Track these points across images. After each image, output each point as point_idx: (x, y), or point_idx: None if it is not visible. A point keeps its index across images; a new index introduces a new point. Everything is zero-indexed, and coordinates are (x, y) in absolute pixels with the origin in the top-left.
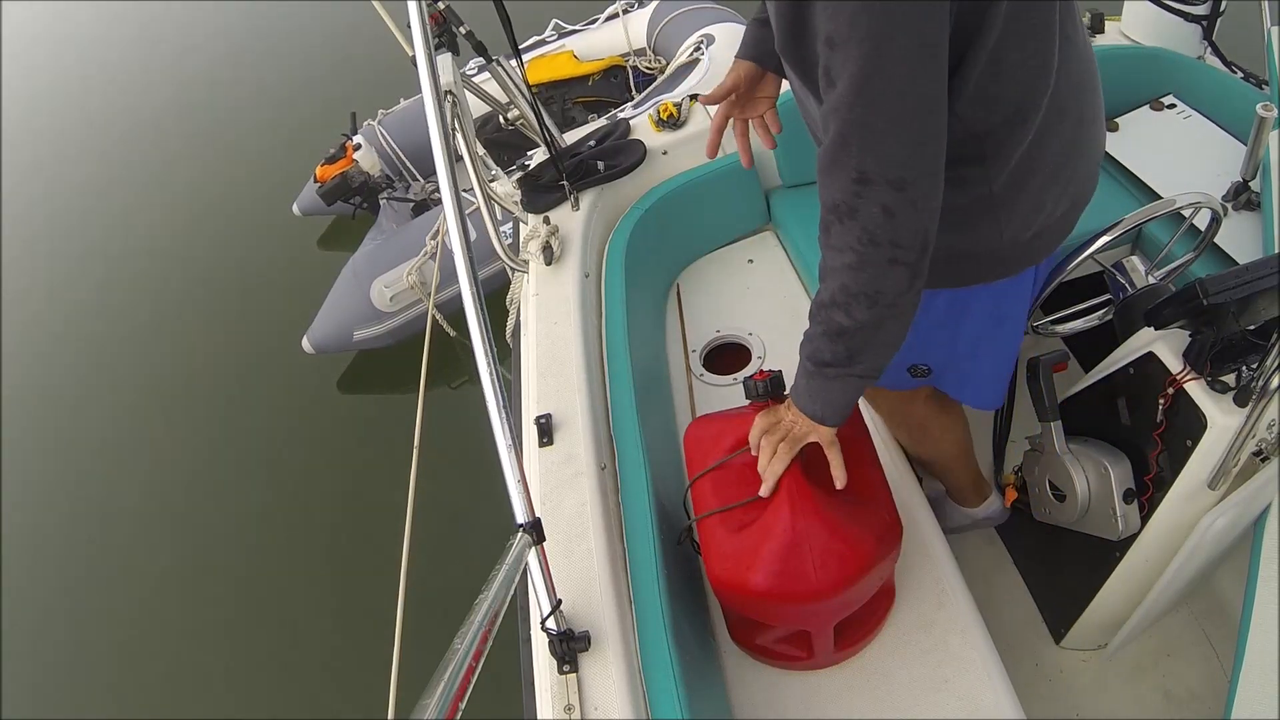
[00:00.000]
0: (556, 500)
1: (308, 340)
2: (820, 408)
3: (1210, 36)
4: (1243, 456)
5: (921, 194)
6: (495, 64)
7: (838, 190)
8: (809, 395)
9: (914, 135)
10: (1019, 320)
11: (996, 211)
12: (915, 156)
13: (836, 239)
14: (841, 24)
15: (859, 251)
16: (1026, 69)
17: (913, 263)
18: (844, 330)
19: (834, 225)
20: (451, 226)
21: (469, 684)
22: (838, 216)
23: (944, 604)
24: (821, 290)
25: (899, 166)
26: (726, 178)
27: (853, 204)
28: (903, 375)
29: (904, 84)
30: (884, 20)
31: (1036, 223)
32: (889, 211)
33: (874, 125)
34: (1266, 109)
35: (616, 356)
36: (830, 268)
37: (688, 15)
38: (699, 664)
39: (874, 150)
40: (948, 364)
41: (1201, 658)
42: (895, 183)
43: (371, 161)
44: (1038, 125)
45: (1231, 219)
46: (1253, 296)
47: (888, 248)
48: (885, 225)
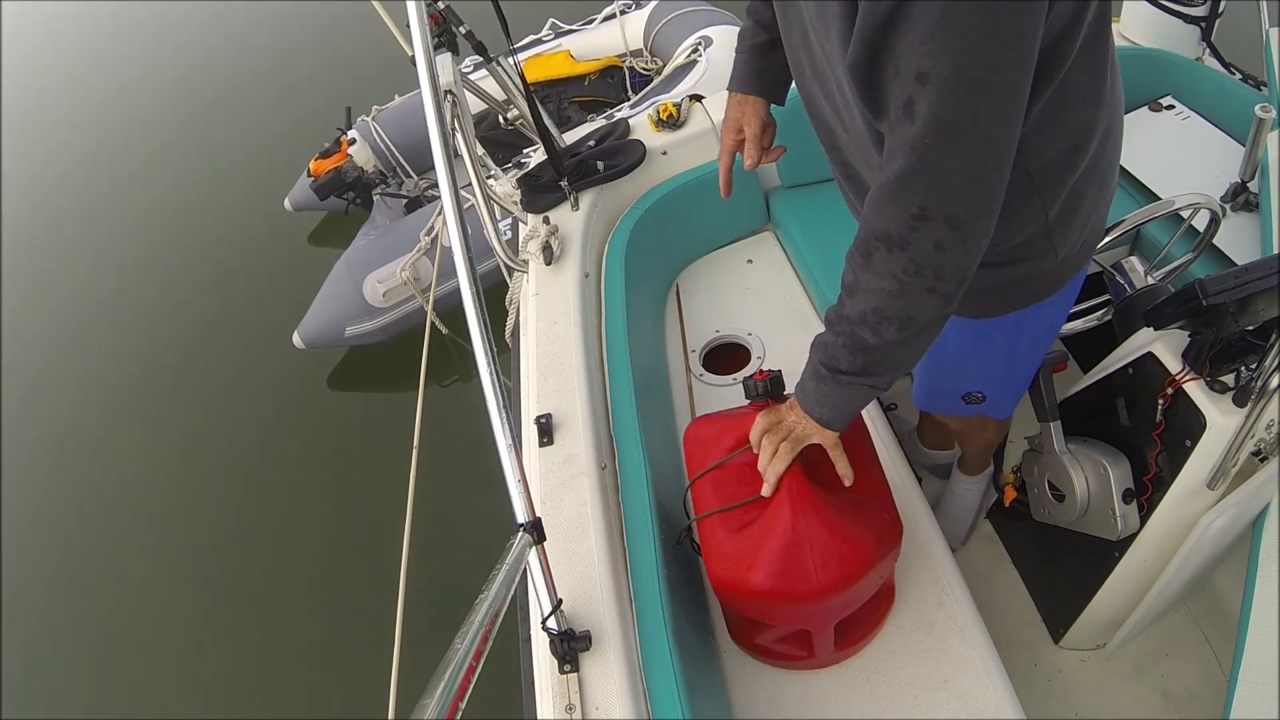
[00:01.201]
0: (556, 500)
1: (299, 335)
2: (828, 412)
3: (1209, 38)
4: (1242, 456)
5: (975, 233)
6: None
7: (892, 221)
8: (817, 399)
9: (983, 179)
10: (1060, 325)
11: (1052, 236)
12: (978, 198)
13: (880, 265)
14: (942, 65)
15: (901, 281)
16: (1087, 98)
17: (950, 294)
18: (868, 347)
19: (878, 252)
20: (451, 226)
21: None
22: (886, 245)
23: (944, 604)
24: (847, 305)
25: (961, 207)
26: None
27: (906, 236)
28: (957, 403)
29: (988, 132)
30: (984, 68)
31: (1084, 235)
32: (940, 247)
33: (948, 168)
34: (1265, 110)
35: (616, 356)
36: (864, 289)
37: (685, 17)
38: (699, 664)
39: (941, 191)
40: (1001, 385)
41: (1200, 658)
42: (952, 220)
43: (366, 157)
44: (1091, 150)
45: (1230, 220)
46: (1252, 297)
47: (930, 279)
48: (933, 259)
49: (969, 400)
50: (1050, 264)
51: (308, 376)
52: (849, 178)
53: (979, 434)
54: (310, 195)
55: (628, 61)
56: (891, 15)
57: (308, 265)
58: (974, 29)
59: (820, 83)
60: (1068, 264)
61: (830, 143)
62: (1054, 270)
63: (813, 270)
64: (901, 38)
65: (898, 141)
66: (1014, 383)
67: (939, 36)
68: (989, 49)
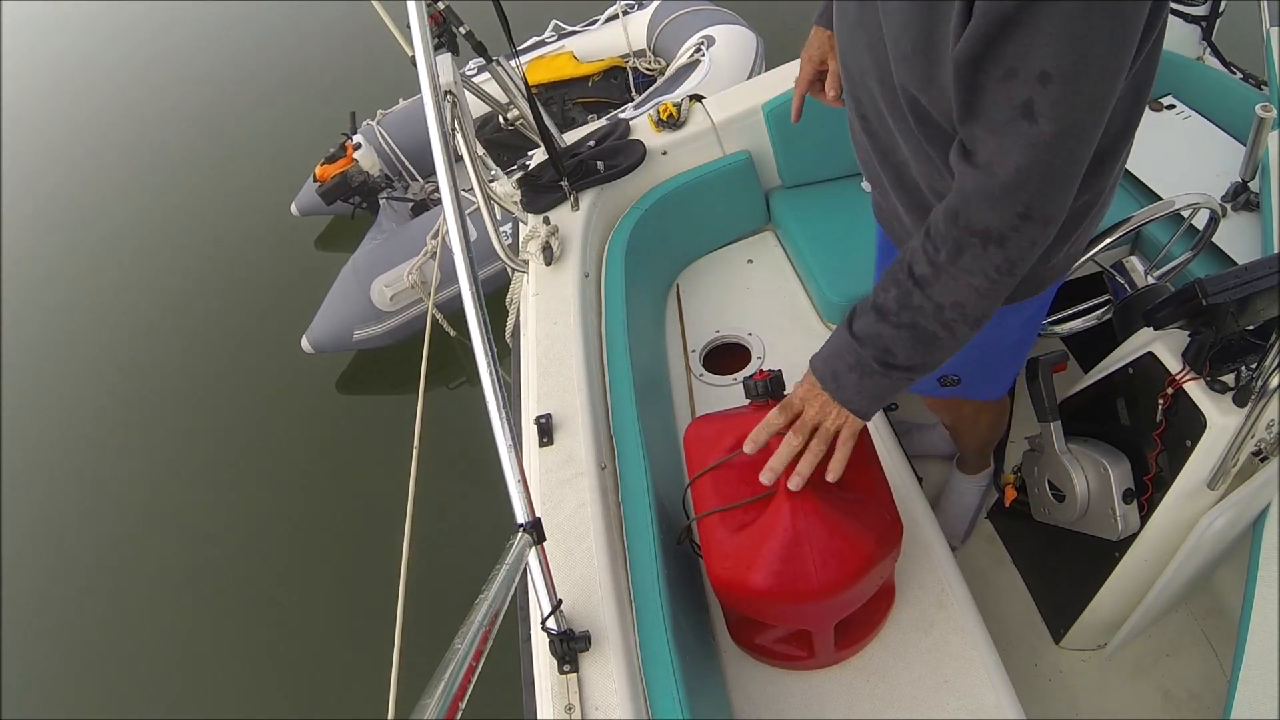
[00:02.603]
0: (556, 500)
1: (307, 340)
2: (867, 404)
3: (1209, 37)
4: (1242, 456)
5: (1055, 231)
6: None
7: (996, 219)
8: (859, 391)
9: (1076, 181)
10: (1041, 319)
11: (1056, 241)
12: (1068, 199)
13: (970, 262)
14: (1065, 66)
15: (993, 279)
16: (1126, 116)
17: (1011, 288)
18: (935, 342)
19: (972, 248)
20: (451, 226)
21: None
22: (982, 241)
23: (944, 604)
24: (917, 296)
25: (1058, 208)
26: (726, 178)
27: (1006, 234)
28: (932, 384)
29: (1095, 130)
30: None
31: (1074, 245)
32: (1034, 245)
33: (1062, 171)
34: (1265, 109)
35: (616, 356)
36: (946, 283)
37: (688, 16)
38: (699, 664)
39: (1050, 192)
40: (977, 372)
41: (1201, 658)
42: (1048, 221)
43: (371, 161)
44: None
45: (1230, 219)
46: (1252, 297)
47: (1014, 277)
48: (1026, 256)
49: (945, 383)
50: (1040, 266)
51: (316, 380)
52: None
53: (971, 429)
54: (316, 200)
55: (631, 62)
56: (1015, 14)
57: (315, 270)
58: (1100, 33)
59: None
60: (1056, 269)
61: (879, 149)
62: (1041, 273)
63: (813, 270)
64: (1023, 37)
65: (1013, 141)
66: (991, 371)
67: (1067, 38)
68: (1110, 55)
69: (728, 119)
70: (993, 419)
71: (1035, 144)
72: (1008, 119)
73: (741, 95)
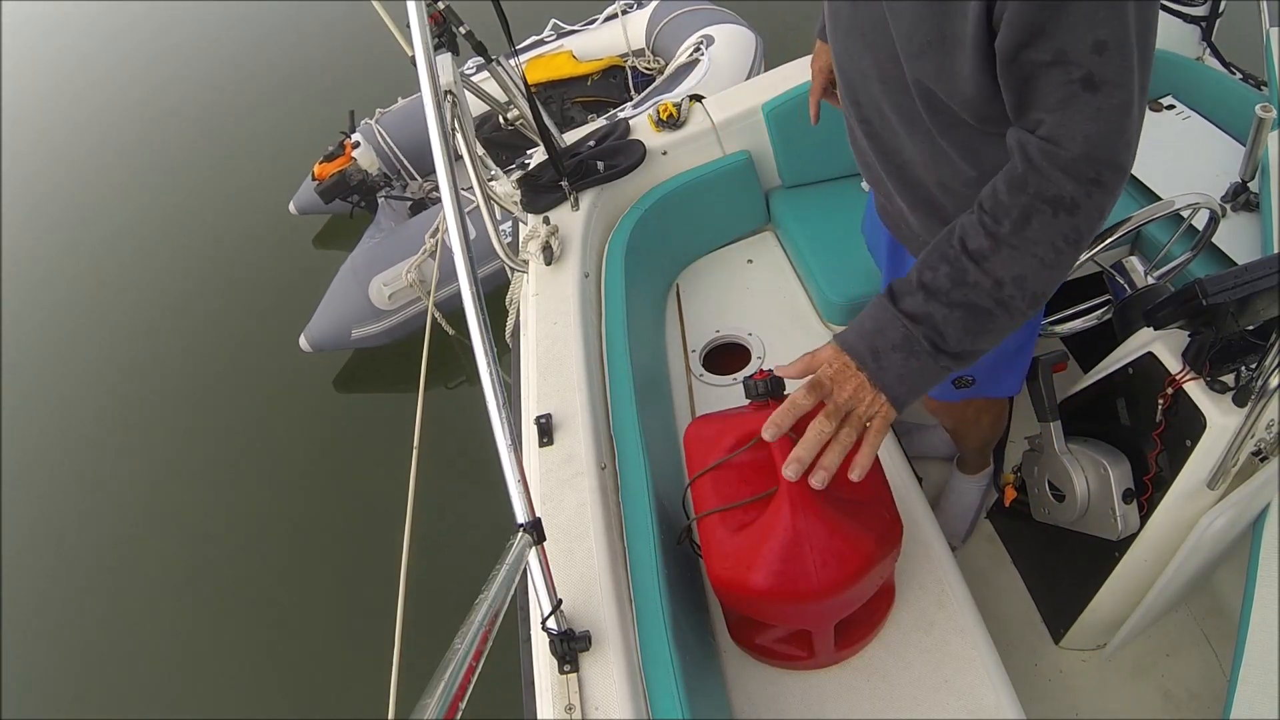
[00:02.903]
0: (556, 500)
1: (305, 338)
2: (908, 391)
3: (1209, 37)
4: (1242, 456)
5: (1115, 198)
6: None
7: (1070, 184)
8: (901, 376)
9: (1137, 144)
10: (1039, 321)
11: None
12: (1131, 163)
13: (1038, 231)
14: (1117, 31)
15: (1059, 249)
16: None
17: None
18: (990, 322)
19: (1042, 215)
20: (451, 226)
21: (469, 684)
22: (1054, 208)
23: (944, 604)
24: (973, 272)
25: (1124, 174)
26: (726, 178)
27: (1079, 200)
28: (947, 387)
29: (1146, 93)
30: (1147, 31)
31: None
32: (1102, 213)
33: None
34: (1265, 110)
35: (616, 356)
36: (1009, 256)
37: (687, 16)
38: (699, 664)
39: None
40: (990, 371)
41: (1201, 658)
42: (1114, 188)
43: (370, 160)
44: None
45: (1230, 219)
46: (1251, 297)
47: (1078, 250)
48: (1092, 226)
49: (960, 384)
50: None
51: (314, 379)
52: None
53: (973, 429)
54: (315, 198)
55: (630, 61)
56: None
57: (313, 268)
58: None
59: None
60: None
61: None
62: None
63: (813, 270)
64: (1064, 18)
65: (1078, 113)
66: (1002, 367)
67: (1106, 6)
68: (1145, 11)
69: (728, 119)
70: (993, 419)
71: (1104, 110)
72: (1068, 95)
73: (741, 95)
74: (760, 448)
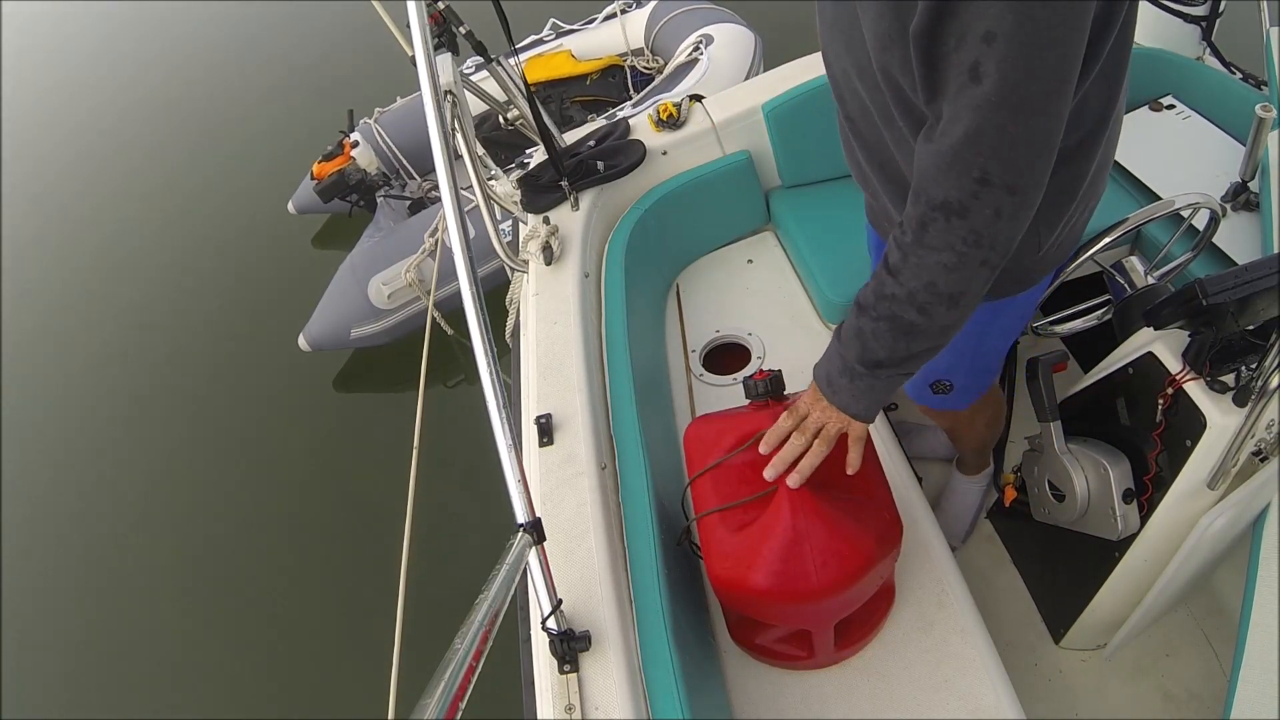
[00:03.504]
0: (556, 500)
1: (304, 338)
2: (864, 407)
3: (1209, 37)
4: (1242, 456)
5: (1028, 202)
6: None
7: (953, 188)
8: (853, 395)
9: (1040, 146)
10: (1023, 324)
11: (1039, 226)
12: (1034, 166)
13: (935, 238)
14: (1006, 22)
15: (960, 252)
16: (1104, 97)
17: (997, 266)
18: (914, 330)
19: (935, 223)
20: (451, 226)
21: (469, 684)
22: (945, 214)
23: (944, 604)
24: (890, 285)
25: (1018, 173)
26: (726, 178)
27: (966, 203)
28: (925, 391)
29: (1048, 95)
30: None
31: (1066, 231)
32: (999, 214)
33: (1009, 130)
34: (1265, 109)
35: (616, 356)
36: (914, 265)
37: (686, 15)
38: (699, 664)
39: (1003, 154)
40: (967, 374)
41: (1201, 658)
42: (1011, 187)
43: (369, 159)
44: (1098, 149)
45: (1230, 219)
46: (1252, 297)
47: (986, 250)
48: (991, 227)
49: (936, 389)
50: (1031, 256)
51: (313, 378)
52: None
53: (968, 431)
54: (313, 198)
55: (629, 61)
56: None
57: (312, 268)
58: None
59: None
60: (1046, 259)
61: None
62: (1033, 263)
63: (813, 270)
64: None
65: (962, 105)
66: (979, 371)
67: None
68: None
69: (728, 119)
70: (989, 419)
71: (981, 104)
72: (959, 85)
73: (741, 95)
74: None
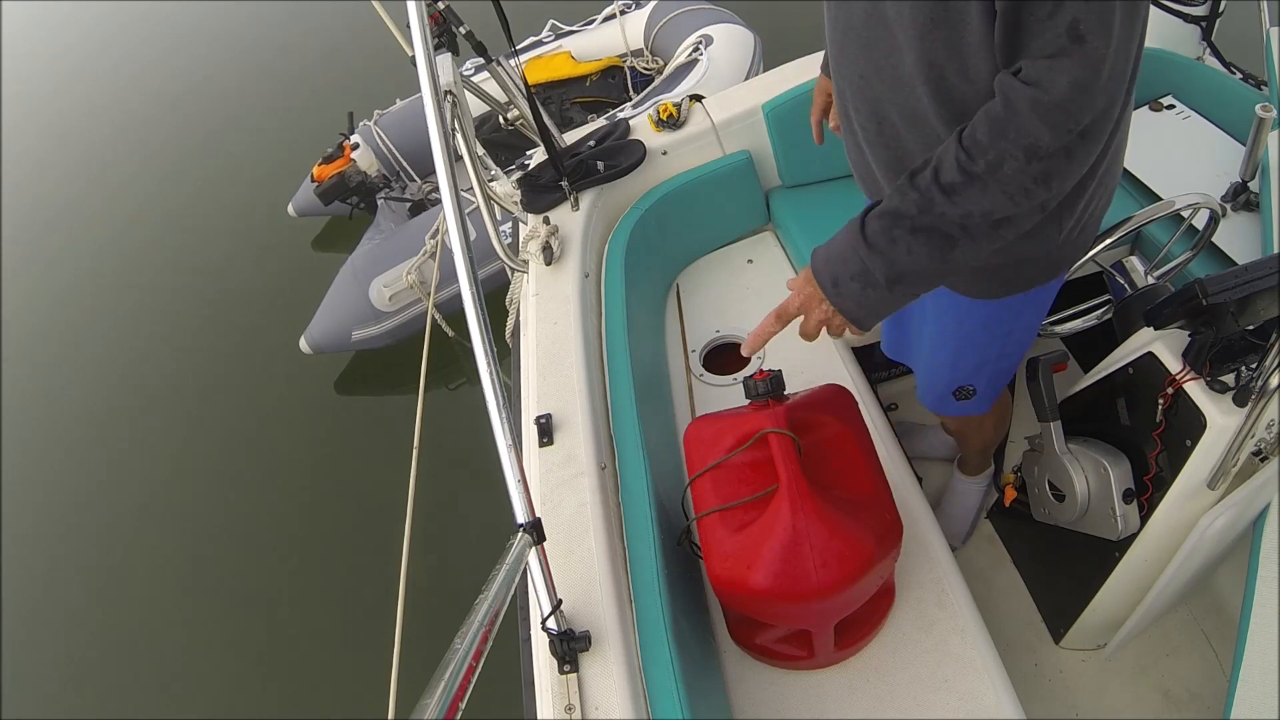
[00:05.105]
0: (556, 500)
1: (305, 340)
2: (865, 315)
3: (1209, 37)
4: (1242, 456)
5: (1092, 150)
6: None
7: (1049, 134)
8: (858, 302)
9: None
10: (1042, 319)
11: (1060, 210)
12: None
13: (1010, 174)
14: None
15: (1027, 189)
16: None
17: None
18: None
19: (1014, 160)
20: (451, 226)
21: (469, 684)
22: (1028, 155)
23: (944, 604)
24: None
25: (1103, 128)
26: (726, 178)
27: (1053, 149)
28: (947, 401)
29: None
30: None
31: (1085, 220)
32: (1070, 159)
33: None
34: (1265, 110)
35: (616, 356)
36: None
37: (685, 16)
38: (699, 664)
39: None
40: (990, 376)
41: (1201, 658)
42: (1095, 139)
43: (369, 161)
44: (1116, 137)
45: (1230, 219)
46: (1252, 296)
47: (1051, 191)
48: (1063, 171)
49: (960, 396)
50: (1052, 244)
51: (315, 381)
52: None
53: (976, 433)
54: (314, 200)
55: (629, 61)
56: None
57: (312, 270)
58: None
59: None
60: (1066, 248)
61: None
62: (1054, 253)
63: None
64: None
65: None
66: (1001, 373)
67: None
68: None
69: (728, 119)
70: (996, 421)
71: (1086, 59)
72: (1058, 45)
73: (741, 95)
74: (760, 448)
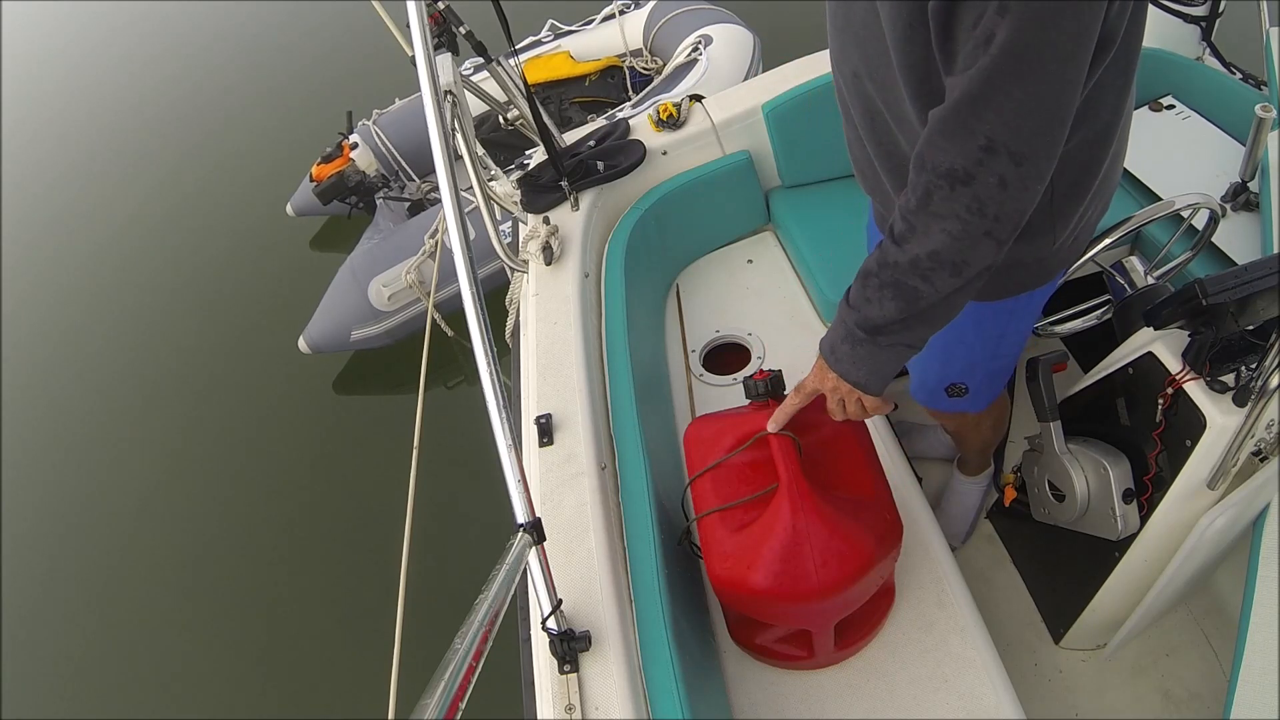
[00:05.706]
0: (556, 500)
1: (304, 340)
2: (865, 376)
3: (1209, 37)
4: (1242, 456)
5: (1035, 174)
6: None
7: (958, 154)
8: (853, 362)
9: (1049, 115)
10: (1031, 327)
11: (1054, 218)
12: (1043, 136)
13: (940, 205)
14: None
15: (963, 220)
16: (1118, 89)
17: (1004, 240)
18: (917, 296)
19: (939, 191)
20: (451, 226)
21: (469, 684)
22: (949, 182)
23: (944, 604)
24: (894, 253)
25: (1025, 142)
26: (726, 178)
27: (971, 171)
28: (940, 395)
29: (1057, 67)
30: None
31: (1079, 227)
32: (1004, 184)
33: (1015, 96)
34: (1265, 110)
35: (616, 356)
36: (920, 233)
37: (685, 16)
38: (699, 664)
39: (1009, 121)
40: (983, 376)
41: (1201, 658)
42: (1017, 156)
43: (368, 161)
44: (1112, 144)
45: (1230, 219)
46: (1251, 296)
47: (990, 220)
48: (995, 197)
49: (952, 393)
50: (1046, 250)
51: (313, 380)
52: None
53: (974, 433)
54: (313, 200)
55: (628, 61)
56: None
57: (311, 270)
58: None
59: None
60: (1060, 254)
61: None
62: (1049, 258)
63: (813, 270)
64: None
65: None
66: (995, 374)
67: None
68: None
69: (727, 119)
70: (995, 421)
71: (987, 70)
72: (970, 57)
73: (741, 95)
74: (760, 447)
